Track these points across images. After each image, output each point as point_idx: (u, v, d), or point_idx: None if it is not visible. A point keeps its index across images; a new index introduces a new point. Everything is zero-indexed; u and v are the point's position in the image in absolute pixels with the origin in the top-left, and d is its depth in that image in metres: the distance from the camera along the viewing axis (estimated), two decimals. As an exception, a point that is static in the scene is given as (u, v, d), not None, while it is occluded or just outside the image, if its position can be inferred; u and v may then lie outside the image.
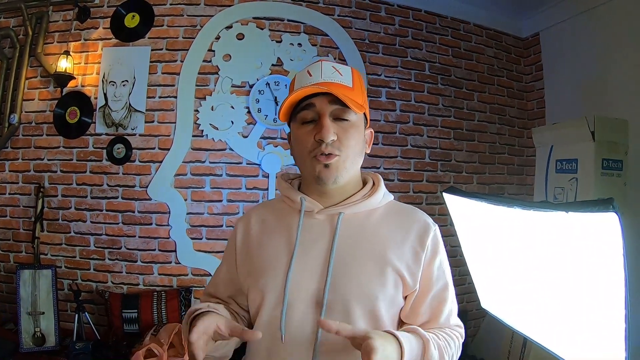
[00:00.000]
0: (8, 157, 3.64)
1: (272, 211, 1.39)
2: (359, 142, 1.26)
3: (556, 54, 4.01)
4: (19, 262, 3.53)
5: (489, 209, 1.85)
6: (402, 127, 3.94)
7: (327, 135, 1.17)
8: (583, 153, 2.77)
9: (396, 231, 1.28)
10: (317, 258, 1.23)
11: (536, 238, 1.61)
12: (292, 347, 1.18)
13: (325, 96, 1.20)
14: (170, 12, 3.67)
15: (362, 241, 1.25)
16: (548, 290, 1.65)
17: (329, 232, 1.26)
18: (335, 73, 1.24)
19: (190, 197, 3.62)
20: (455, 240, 2.35)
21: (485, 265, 2.19)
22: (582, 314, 1.47)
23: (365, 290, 1.19)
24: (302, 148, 1.23)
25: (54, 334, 3.19)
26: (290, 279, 1.21)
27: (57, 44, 3.65)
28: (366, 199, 1.30)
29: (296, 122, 1.26)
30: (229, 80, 3.65)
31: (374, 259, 1.23)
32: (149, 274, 3.60)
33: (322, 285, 1.20)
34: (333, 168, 1.20)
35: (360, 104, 1.23)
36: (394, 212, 1.34)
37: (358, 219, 1.29)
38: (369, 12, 3.90)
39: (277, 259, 1.26)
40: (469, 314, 4.07)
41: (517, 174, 4.30)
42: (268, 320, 1.23)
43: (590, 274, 1.37)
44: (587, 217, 1.27)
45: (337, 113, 1.21)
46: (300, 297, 1.20)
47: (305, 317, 1.19)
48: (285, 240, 1.28)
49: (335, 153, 1.20)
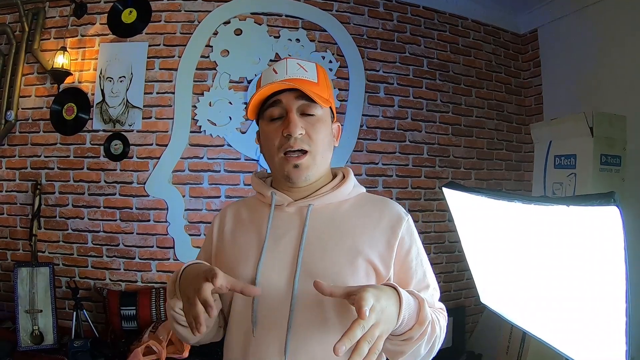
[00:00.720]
0: (5, 154, 3.62)
1: (246, 207, 1.42)
2: (327, 136, 1.29)
3: (554, 50, 4.01)
4: (16, 260, 3.52)
5: (489, 204, 1.85)
6: (400, 123, 3.93)
7: (295, 129, 1.20)
8: (581, 148, 2.77)
9: (367, 220, 1.30)
10: (287, 249, 1.25)
11: (536, 233, 1.61)
12: (265, 338, 1.19)
13: (292, 92, 1.23)
14: (167, 7, 3.65)
15: (332, 231, 1.27)
16: (548, 285, 1.65)
17: (298, 224, 1.28)
18: (300, 69, 1.27)
19: (188, 194, 3.61)
20: (455, 235, 2.35)
21: (485, 260, 2.19)
22: (582, 308, 1.47)
23: (336, 280, 1.18)
24: (270, 144, 1.26)
25: (52, 332, 3.18)
26: (260, 272, 1.22)
27: (54, 40, 3.64)
28: (334, 190, 1.32)
29: (264, 120, 1.29)
30: (227, 75, 3.64)
31: (344, 249, 1.24)
32: (147, 271, 3.59)
33: (292, 276, 1.21)
34: (303, 167, 1.24)
35: (326, 98, 1.26)
36: (365, 203, 1.36)
37: (328, 210, 1.31)
38: (368, 8, 3.89)
39: (248, 252, 1.28)
40: (467, 309, 4.08)
41: (515, 170, 4.30)
42: (240, 313, 1.25)
43: (591, 267, 1.37)
44: (587, 211, 1.27)
45: (303, 108, 1.24)
46: (270, 289, 1.21)
47: (276, 309, 1.20)
48: (256, 234, 1.30)
49: (304, 148, 1.22)
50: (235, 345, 1.27)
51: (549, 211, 1.45)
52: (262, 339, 1.20)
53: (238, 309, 1.27)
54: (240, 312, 1.26)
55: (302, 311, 1.18)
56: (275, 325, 1.19)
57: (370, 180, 3.80)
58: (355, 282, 1.20)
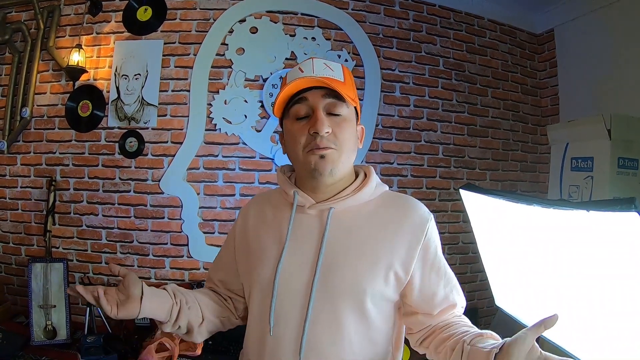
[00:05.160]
0: (20, 150, 3.63)
1: (269, 203, 1.43)
2: (352, 136, 1.29)
3: (571, 50, 3.97)
4: (31, 256, 3.53)
5: (506, 207, 1.83)
6: (415, 123, 3.91)
7: (322, 127, 1.20)
8: (599, 151, 2.74)
9: (389, 225, 1.30)
10: (307, 253, 1.26)
11: (553, 236, 1.59)
12: (281, 339, 1.23)
13: (318, 90, 1.24)
14: (183, 5, 3.65)
15: (353, 237, 1.28)
16: (564, 289, 1.63)
17: (319, 228, 1.29)
18: (327, 69, 1.27)
19: (202, 191, 3.60)
20: (469, 237, 2.33)
21: (501, 263, 2.17)
22: (598, 314, 1.45)
23: (353, 285, 1.22)
24: (296, 143, 1.26)
25: (65, 328, 3.19)
26: (279, 273, 1.24)
27: (69, 37, 3.64)
28: (357, 192, 1.32)
29: (289, 118, 1.29)
30: (243, 74, 3.64)
31: (364, 255, 1.25)
32: (161, 267, 3.59)
33: (310, 279, 1.23)
34: (329, 159, 1.23)
35: (352, 97, 1.26)
36: (387, 204, 1.36)
37: (349, 214, 1.31)
38: (383, 7, 3.87)
39: (269, 252, 1.30)
40: (479, 311, 4.05)
41: (530, 171, 4.27)
42: (259, 312, 1.29)
43: (608, 273, 1.35)
44: (606, 217, 1.25)
45: (330, 107, 1.25)
46: (289, 291, 1.24)
47: (293, 310, 1.23)
48: (278, 235, 1.32)
49: (331, 146, 1.22)
50: (253, 343, 1.31)
51: (566, 215, 1.43)
52: (278, 339, 1.23)
53: (256, 309, 1.31)
54: (259, 312, 1.29)
55: (318, 315, 1.21)
56: (292, 326, 1.22)
57: (385, 180, 3.69)
58: (373, 288, 1.23)
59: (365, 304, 1.23)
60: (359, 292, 1.22)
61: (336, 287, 1.22)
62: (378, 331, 1.29)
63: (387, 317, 1.31)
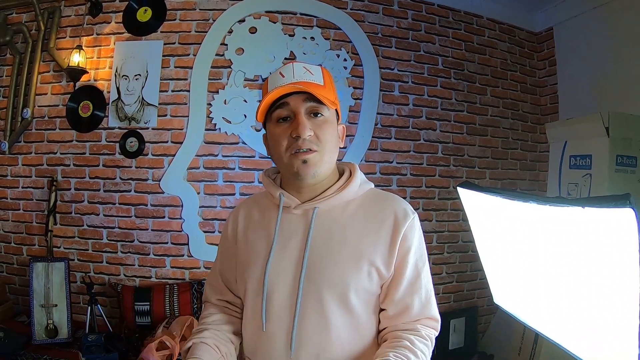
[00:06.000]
0: (21, 151, 3.66)
1: (257, 206, 1.47)
2: (333, 137, 1.32)
3: (570, 48, 3.97)
4: (32, 255, 3.56)
5: (503, 204, 1.84)
6: (415, 122, 3.92)
7: (304, 131, 1.23)
8: (597, 149, 2.75)
9: (371, 222, 1.34)
10: (294, 251, 1.32)
11: (550, 233, 1.60)
12: (273, 334, 1.30)
13: (299, 95, 1.26)
14: (182, 6, 3.67)
15: (337, 234, 1.32)
16: (562, 286, 1.64)
17: (304, 227, 1.34)
18: (307, 73, 1.30)
19: (203, 191, 3.62)
20: (468, 235, 2.34)
21: (500, 261, 2.18)
22: (595, 310, 1.47)
23: (338, 281, 1.27)
24: (279, 146, 1.29)
25: (67, 326, 3.22)
26: (268, 272, 1.30)
27: (70, 38, 3.67)
28: (341, 191, 1.35)
29: (271, 122, 1.32)
30: (242, 74, 3.65)
31: (348, 252, 1.30)
32: (162, 267, 3.61)
33: (297, 277, 1.29)
34: (311, 163, 1.26)
35: (332, 100, 1.30)
36: (371, 202, 1.39)
37: (333, 213, 1.35)
38: (382, 6, 3.88)
39: (258, 252, 1.36)
40: (479, 309, 4.06)
41: (529, 170, 4.27)
42: (252, 310, 1.35)
43: (605, 269, 1.36)
44: (602, 213, 1.27)
45: (311, 110, 1.27)
46: (278, 289, 1.30)
47: (283, 307, 1.29)
48: (266, 235, 1.37)
49: (313, 148, 1.26)
50: (249, 339, 1.39)
51: (563, 212, 1.44)
52: (271, 334, 1.30)
53: (250, 307, 1.36)
54: (252, 309, 1.35)
55: (306, 310, 1.27)
56: (283, 321, 1.29)
57: (384, 179, 3.80)
58: (357, 283, 1.28)
59: (349, 298, 1.27)
60: (343, 287, 1.27)
61: (321, 283, 1.27)
62: (364, 323, 1.33)
63: (372, 310, 1.35)
